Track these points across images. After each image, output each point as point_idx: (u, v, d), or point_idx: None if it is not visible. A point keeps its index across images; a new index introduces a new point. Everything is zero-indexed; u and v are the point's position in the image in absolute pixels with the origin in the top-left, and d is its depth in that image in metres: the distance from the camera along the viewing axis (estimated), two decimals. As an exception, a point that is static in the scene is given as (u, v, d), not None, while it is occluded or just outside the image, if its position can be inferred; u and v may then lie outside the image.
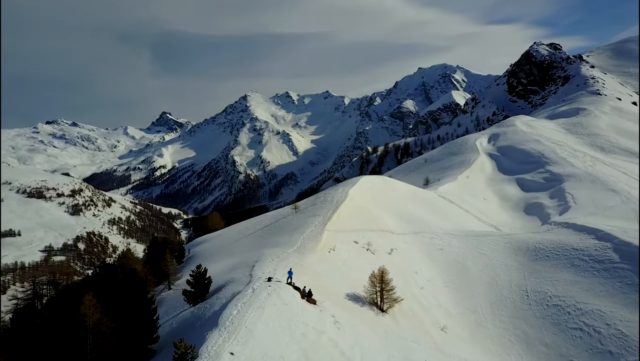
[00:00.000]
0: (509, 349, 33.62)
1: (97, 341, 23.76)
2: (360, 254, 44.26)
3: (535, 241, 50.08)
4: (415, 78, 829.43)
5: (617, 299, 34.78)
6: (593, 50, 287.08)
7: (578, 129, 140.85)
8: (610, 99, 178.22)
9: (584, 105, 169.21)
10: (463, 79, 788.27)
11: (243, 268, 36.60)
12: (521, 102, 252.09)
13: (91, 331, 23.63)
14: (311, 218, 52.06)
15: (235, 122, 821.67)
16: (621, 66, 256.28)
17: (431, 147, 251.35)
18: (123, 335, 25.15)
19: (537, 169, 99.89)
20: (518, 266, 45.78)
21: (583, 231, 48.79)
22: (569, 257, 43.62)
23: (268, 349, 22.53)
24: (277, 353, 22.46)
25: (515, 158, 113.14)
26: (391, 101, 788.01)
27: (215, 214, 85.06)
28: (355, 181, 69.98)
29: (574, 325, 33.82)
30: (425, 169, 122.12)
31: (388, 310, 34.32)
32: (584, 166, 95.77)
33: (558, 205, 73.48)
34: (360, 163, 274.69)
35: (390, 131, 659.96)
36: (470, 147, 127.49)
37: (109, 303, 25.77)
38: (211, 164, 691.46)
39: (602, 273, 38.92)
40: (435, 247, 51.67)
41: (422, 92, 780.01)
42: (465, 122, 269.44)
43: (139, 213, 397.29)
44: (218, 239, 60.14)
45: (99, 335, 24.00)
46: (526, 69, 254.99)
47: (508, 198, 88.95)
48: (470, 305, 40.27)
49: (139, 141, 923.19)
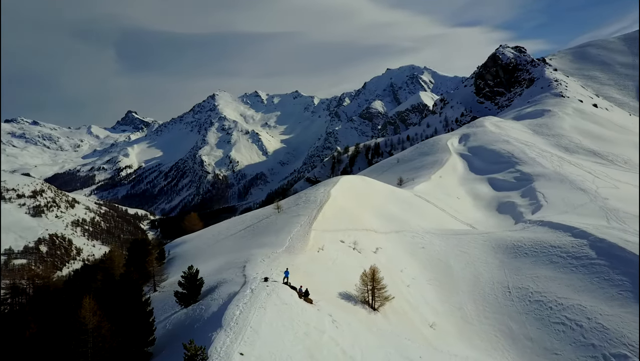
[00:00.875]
0: (495, 344, 34.51)
1: (97, 345, 23.13)
2: (347, 253, 44.48)
3: (513, 239, 51.54)
4: (384, 79, 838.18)
5: (596, 294, 36.18)
6: (555, 54, 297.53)
7: (544, 130, 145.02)
8: (573, 101, 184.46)
9: (548, 107, 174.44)
10: (430, 80, 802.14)
11: (233, 269, 36.25)
12: (488, 104, 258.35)
13: (92, 335, 23.00)
14: (296, 217, 51.99)
15: (203, 121, 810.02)
16: (581, 69, 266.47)
17: (401, 147, 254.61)
18: (120, 338, 24.53)
19: (507, 169, 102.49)
20: (498, 263, 47.00)
21: (559, 228, 50.51)
22: (547, 254, 45.10)
23: (274, 349, 22.50)
24: (284, 352, 22.46)
25: (486, 158, 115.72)
26: (360, 101, 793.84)
27: (193, 215, 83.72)
28: (335, 181, 70.26)
29: (556, 319, 34.99)
30: (398, 169, 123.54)
31: (379, 308, 34.67)
32: (552, 165, 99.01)
33: (530, 204, 75.66)
34: (331, 163, 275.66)
35: (359, 131, 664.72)
36: (442, 148, 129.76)
37: (105, 306, 25.03)
38: (178, 164, 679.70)
39: (580, 269, 40.41)
40: (418, 246, 52.48)
41: (391, 93, 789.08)
42: (434, 123, 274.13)
43: (104, 214, 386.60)
44: (198, 240, 59.32)
45: (99, 338, 23.39)
46: (493, 71, 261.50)
47: (481, 197, 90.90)
48: (456, 302, 41.12)
49: (103, 141, 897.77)
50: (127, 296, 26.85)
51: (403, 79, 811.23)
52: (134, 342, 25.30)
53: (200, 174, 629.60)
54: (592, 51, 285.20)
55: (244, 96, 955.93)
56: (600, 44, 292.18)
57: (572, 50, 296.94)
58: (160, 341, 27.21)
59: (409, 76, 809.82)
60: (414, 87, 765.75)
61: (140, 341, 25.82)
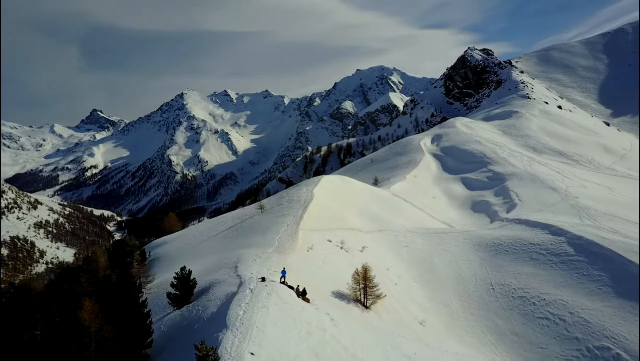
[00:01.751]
0: (482, 340, 35.31)
1: (100, 348, 22.55)
2: (335, 252, 44.71)
3: (492, 237, 52.84)
4: (354, 79, 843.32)
5: (577, 289, 37.48)
6: (521, 57, 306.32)
7: (512, 130, 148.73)
8: (539, 103, 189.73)
9: (516, 108, 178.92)
10: (400, 81, 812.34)
11: (224, 269, 35.92)
12: (457, 105, 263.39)
13: (94, 338, 22.41)
14: (281, 217, 51.86)
15: (172, 120, 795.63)
16: (545, 71, 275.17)
17: (373, 147, 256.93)
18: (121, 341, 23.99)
19: (480, 169, 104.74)
20: (480, 261, 48.10)
21: (536, 226, 52.07)
22: (527, 251, 46.44)
23: (281, 348, 22.54)
24: (291, 351, 22.49)
25: (459, 158, 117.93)
26: (330, 101, 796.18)
27: (172, 215, 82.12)
28: (316, 180, 70.41)
29: (540, 314, 36.07)
30: (372, 169, 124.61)
31: (371, 306, 35.01)
32: (523, 165, 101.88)
33: (504, 203, 77.58)
34: (304, 163, 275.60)
35: (330, 131, 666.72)
36: (415, 148, 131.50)
37: (102, 308, 24.38)
38: (146, 164, 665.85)
39: (559, 265, 41.76)
40: (401, 244, 53.19)
41: (361, 94, 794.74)
42: (405, 124, 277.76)
43: (68, 216, 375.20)
44: (179, 241, 58.35)
45: (102, 341, 22.82)
46: (462, 72, 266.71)
47: (455, 196, 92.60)
48: (441, 299, 41.87)
49: (67, 140, 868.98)
50: (125, 297, 26.27)
51: (373, 79, 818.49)
52: (131, 345, 24.77)
53: (169, 174, 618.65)
54: (556, 55, 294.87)
55: (213, 95, 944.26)
56: (563, 48, 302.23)
57: (537, 53, 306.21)
58: (157, 343, 26.76)
59: (379, 76, 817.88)
60: (384, 88, 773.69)
61: (138, 344, 25.30)
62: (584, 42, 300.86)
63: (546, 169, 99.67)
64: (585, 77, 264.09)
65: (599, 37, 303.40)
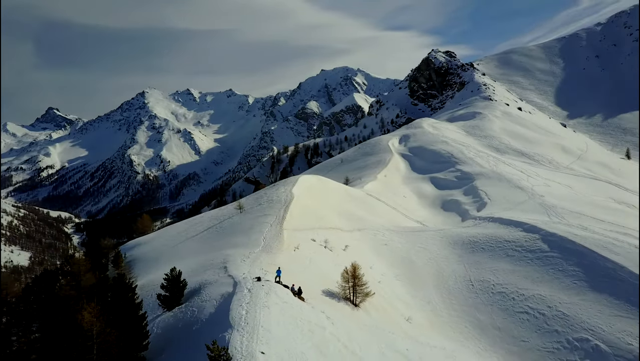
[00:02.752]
0: (466, 334, 36.27)
1: (101, 351, 21.88)
2: (320, 251, 44.91)
3: (468, 234, 54.28)
4: (318, 80, 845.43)
5: (553, 284, 39.04)
6: (482, 59, 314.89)
7: (476, 131, 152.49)
8: (500, 105, 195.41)
9: (479, 109, 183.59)
10: (364, 82, 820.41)
11: (212, 270, 35.49)
12: (422, 106, 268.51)
13: (96, 341, 21.75)
14: (262, 217, 51.60)
15: (132, 119, 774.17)
16: (505, 74, 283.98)
17: (339, 147, 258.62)
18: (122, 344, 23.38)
19: (448, 169, 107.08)
20: (457, 258, 49.32)
21: (510, 224, 53.86)
22: (503, 248, 47.98)
23: (288, 346, 22.64)
24: (297, 349, 22.61)
25: (427, 158, 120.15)
26: (295, 101, 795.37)
27: (146, 217, 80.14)
28: (294, 180, 70.32)
29: (520, 309, 37.38)
30: (342, 169, 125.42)
31: (360, 304, 35.35)
32: (489, 165, 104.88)
33: (474, 201, 79.68)
34: (271, 163, 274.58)
35: (295, 131, 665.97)
36: (384, 148, 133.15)
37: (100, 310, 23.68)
38: (106, 164, 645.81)
39: (535, 261, 43.38)
40: (380, 243, 53.91)
41: (325, 94, 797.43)
42: (371, 124, 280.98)
43: (22, 218, 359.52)
44: (155, 242, 57.02)
45: (104, 345, 22.16)
46: (426, 74, 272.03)
47: (425, 196, 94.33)
48: (424, 297, 42.71)
49: (21, 139, 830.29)
50: (121, 299, 25.59)
51: (337, 80, 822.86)
52: (129, 347, 24.17)
53: (130, 175, 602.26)
54: (515, 58, 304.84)
55: (176, 94, 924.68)
56: (522, 52, 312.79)
57: (497, 56, 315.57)
58: (153, 345, 26.20)
59: (343, 77, 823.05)
60: (348, 88, 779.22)
61: (135, 347, 24.70)
62: (542, 47, 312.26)
63: (511, 169, 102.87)
64: (543, 80, 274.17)
65: (555, 41, 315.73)
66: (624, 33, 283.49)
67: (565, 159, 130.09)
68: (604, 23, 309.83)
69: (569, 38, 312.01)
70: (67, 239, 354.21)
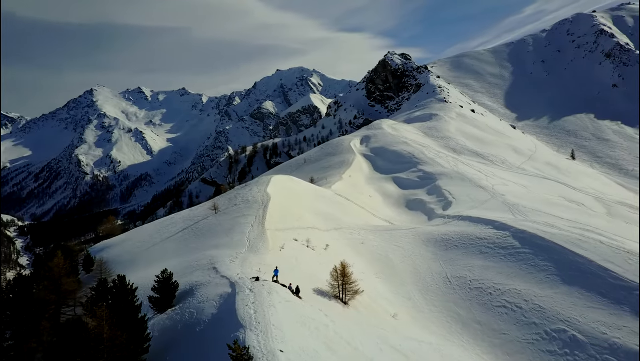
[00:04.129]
0: (449, 329, 37.44)
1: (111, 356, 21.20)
2: (303, 251, 45.12)
3: (440, 232, 55.91)
4: (274, 80, 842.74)
5: (527, 278, 40.98)
6: (435, 62, 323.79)
7: (433, 132, 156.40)
8: (455, 106, 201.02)
9: (435, 111, 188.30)
10: (319, 82, 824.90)
11: (200, 271, 35.05)
12: (379, 107, 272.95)
13: (106, 345, 21.08)
14: (241, 218, 51.18)
15: (80, 118, 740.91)
16: (458, 77, 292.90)
17: (299, 147, 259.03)
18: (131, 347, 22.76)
19: (410, 169, 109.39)
20: (432, 255, 50.75)
21: (479, 222, 55.92)
22: (475, 245, 49.80)
23: (302, 344, 22.80)
24: (310, 347, 22.79)
25: (388, 158, 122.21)
26: (251, 101, 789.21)
27: (112, 218, 77.32)
28: (266, 180, 69.97)
29: (497, 303, 39.00)
30: (306, 169, 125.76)
31: (349, 302, 35.84)
32: (450, 165, 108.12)
33: (438, 201, 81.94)
34: (228, 163, 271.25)
35: (251, 131, 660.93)
36: (346, 148, 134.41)
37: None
38: (51, 164, 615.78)
39: (508, 257, 45.34)
40: (357, 241, 54.66)
41: (281, 94, 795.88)
42: (329, 125, 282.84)
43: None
44: (127, 244, 55.12)
45: (114, 349, 21.45)
46: (382, 76, 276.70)
47: (389, 195, 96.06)
48: (405, 293, 43.71)
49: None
50: (122, 301, 24.81)
51: (293, 80, 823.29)
52: (130, 350, 23.52)
53: (77, 175, 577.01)
54: (467, 61, 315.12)
55: (126, 92, 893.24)
56: (473, 55, 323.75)
57: (450, 59, 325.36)
58: (152, 348, 25.54)
59: (299, 77, 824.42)
60: (304, 89, 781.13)
61: (137, 350, 24.04)
62: (491, 51, 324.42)
63: (470, 169, 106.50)
64: (493, 83, 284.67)
65: (503, 46, 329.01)
66: (566, 40, 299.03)
67: (516, 159, 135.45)
68: (549, 30, 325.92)
69: (517, 43, 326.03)
70: (10, 243, 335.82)
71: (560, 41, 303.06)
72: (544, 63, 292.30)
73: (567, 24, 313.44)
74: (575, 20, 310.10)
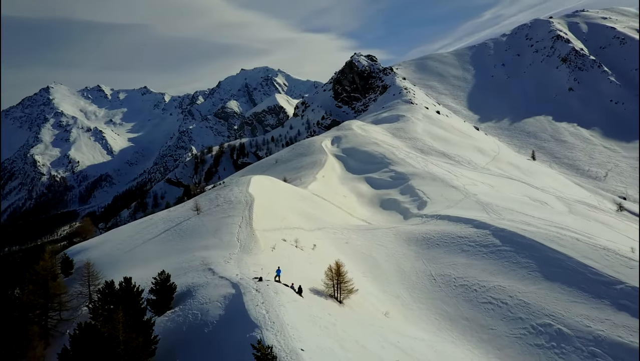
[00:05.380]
0: (438, 326, 38.27)
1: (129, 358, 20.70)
2: (294, 251, 45.09)
3: (420, 231, 56.98)
4: (238, 79, 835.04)
5: (510, 275, 42.42)
6: (400, 64, 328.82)
7: (401, 133, 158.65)
8: (421, 108, 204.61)
9: (402, 112, 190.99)
10: (284, 82, 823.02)
11: (195, 272, 34.64)
12: (346, 108, 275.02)
13: (123, 348, 20.55)
14: (227, 218, 50.62)
15: (36, 117, 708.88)
16: (423, 79, 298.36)
17: (266, 148, 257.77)
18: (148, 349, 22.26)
19: (382, 169, 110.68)
20: (414, 254, 51.67)
21: (459, 221, 57.34)
22: (457, 244, 51.05)
23: (318, 342, 22.99)
24: (325, 345, 22.96)
25: (360, 159, 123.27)
26: (215, 100, 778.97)
27: (88, 220, 74.69)
28: (246, 180, 69.26)
29: (483, 300, 40.18)
30: (278, 169, 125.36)
31: (344, 301, 36.13)
32: (420, 166, 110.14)
33: (413, 200, 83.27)
34: (194, 163, 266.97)
35: (215, 131, 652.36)
36: (318, 149, 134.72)
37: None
38: (5, 165, 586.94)
39: (489, 255, 46.76)
40: (341, 241, 55.02)
41: (246, 94, 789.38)
42: (297, 125, 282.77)
43: None
44: (105, 246, 53.20)
45: (130, 351, 20.93)
46: (350, 77, 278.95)
47: (363, 195, 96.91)
48: (392, 292, 44.35)
49: None
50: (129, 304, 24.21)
51: (258, 80, 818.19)
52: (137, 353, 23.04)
53: (33, 176, 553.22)
54: (431, 63, 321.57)
55: (85, 90, 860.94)
56: (437, 58, 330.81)
57: (414, 61, 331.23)
58: (158, 351, 25.07)
59: (264, 77, 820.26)
60: (269, 89, 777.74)
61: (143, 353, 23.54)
62: (455, 54, 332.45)
63: (440, 169, 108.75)
64: (456, 86, 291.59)
65: (466, 49, 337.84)
66: (526, 44, 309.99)
67: (481, 160, 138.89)
68: (509, 34, 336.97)
69: (479, 47, 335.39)
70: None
71: (519, 46, 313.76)
72: (504, 66, 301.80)
73: (526, 29, 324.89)
74: (534, 26, 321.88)
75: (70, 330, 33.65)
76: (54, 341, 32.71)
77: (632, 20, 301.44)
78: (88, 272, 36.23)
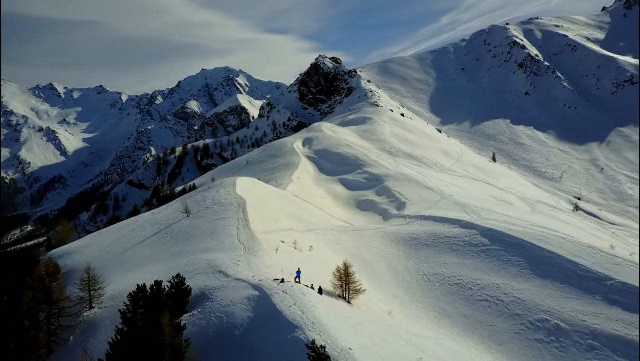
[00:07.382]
0: (438, 323, 39.14)
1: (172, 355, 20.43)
2: (293, 252, 44.94)
3: (407, 232, 57.99)
4: (199, 79, 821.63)
5: (502, 273, 43.88)
6: (364, 67, 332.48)
7: (369, 135, 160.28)
8: (386, 110, 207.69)
9: (368, 114, 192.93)
10: (246, 83, 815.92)
11: (205, 275, 34.11)
12: (311, 110, 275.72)
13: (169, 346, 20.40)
14: (221, 220, 49.86)
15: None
16: (386, 82, 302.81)
17: (231, 149, 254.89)
18: None
19: (355, 170, 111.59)
20: (404, 254, 52.54)
21: (444, 221, 58.72)
22: (446, 243, 52.31)
23: (359, 341, 23.02)
24: (364, 344, 23.06)
25: (333, 160, 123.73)
26: (174, 100, 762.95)
27: (66, 223, 71.35)
28: (231, 182, 68.14)
29: (479, 297, 41.41)
30: (250, 170, 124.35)
31: (351, 301, 36.38)
32: (393, 167, 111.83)
33: (390, 201, 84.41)
34: (157, 164, 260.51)
35: (174, 131, 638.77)
36: (290, 150, 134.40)
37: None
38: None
39: (479, 254, 48.20)
40: (333, 242, 55.26)
41: (206, 94, 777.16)
42: (263, 126, 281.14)
43: None
44: (91, 250, 50.89)
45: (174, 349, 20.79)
46: (315, 79, 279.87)
47: (338, 196, 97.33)
48: (389, 291, 44.93)
49: None
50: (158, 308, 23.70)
51: (218, 80, 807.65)
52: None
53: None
54: (393, 67, 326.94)
55: (36, 88, 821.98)
56: (399, 61, 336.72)
57: (377, 64, 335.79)
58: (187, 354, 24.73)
59: (225, 77, 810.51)
60: (230, 89, 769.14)
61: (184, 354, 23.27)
62: (416, 57, 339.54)
63: (411, 171, 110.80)
64: (418, 89, 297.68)
65: (428, 53, 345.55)
66: (484, 49, 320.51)
67: (447, 162, 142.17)
68: (468, 39, 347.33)
69: (439, 51, 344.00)
70: None
71: (478, 50, 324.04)
72: (464, 71, 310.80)
73: (484, 35, 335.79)
74: (491, 32, 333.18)
75: (74, 336, 32.54)
76: (57, 347, 31.47)
77: (582, 29, 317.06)
78: (89, 276, 34.87)
